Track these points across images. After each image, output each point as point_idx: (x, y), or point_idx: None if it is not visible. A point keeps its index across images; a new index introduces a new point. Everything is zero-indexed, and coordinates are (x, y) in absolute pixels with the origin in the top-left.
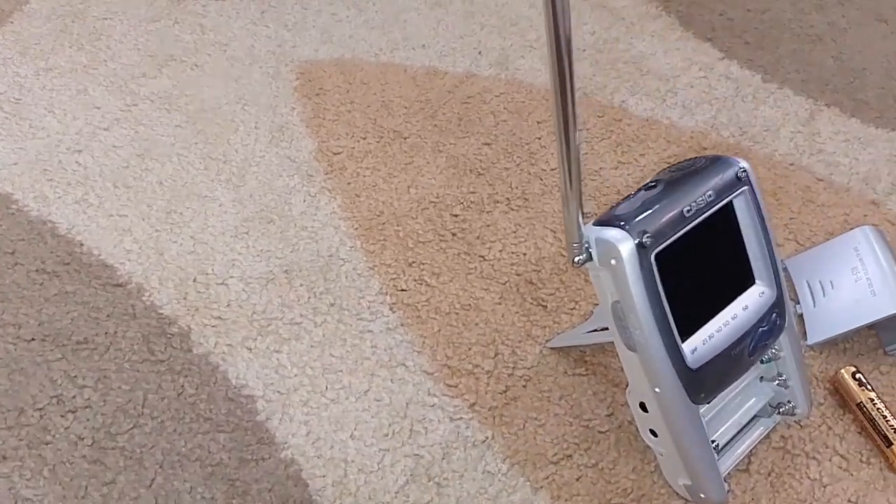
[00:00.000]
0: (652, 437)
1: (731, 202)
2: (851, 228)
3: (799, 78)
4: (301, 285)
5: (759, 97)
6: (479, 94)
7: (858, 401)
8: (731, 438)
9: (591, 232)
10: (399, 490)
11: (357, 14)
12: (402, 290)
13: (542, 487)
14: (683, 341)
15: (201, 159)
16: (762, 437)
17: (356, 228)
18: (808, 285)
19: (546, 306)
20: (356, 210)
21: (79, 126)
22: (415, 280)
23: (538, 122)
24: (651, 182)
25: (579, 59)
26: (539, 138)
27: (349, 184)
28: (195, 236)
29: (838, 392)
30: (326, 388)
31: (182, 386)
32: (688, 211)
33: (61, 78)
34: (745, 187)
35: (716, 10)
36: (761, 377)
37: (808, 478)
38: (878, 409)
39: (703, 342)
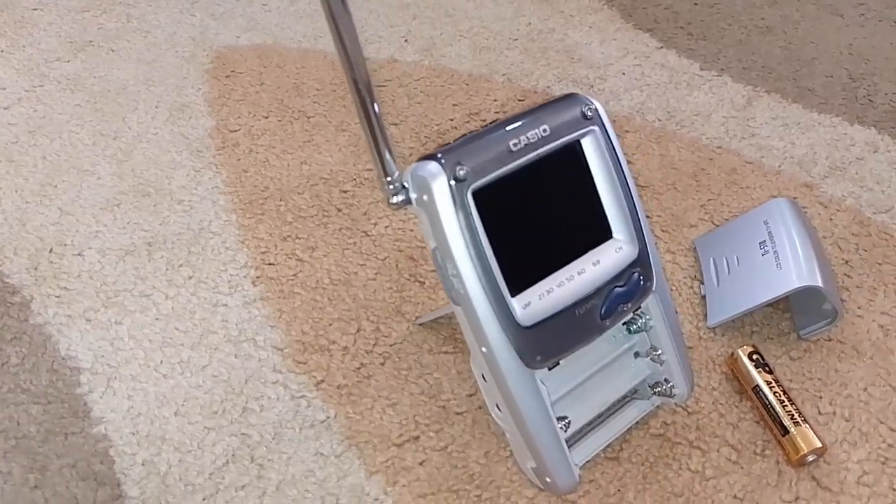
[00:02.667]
0: (498, 411)
1: (577, 143)
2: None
3: (741, 66)
4: (161, 258)
5: (693, 84)
6: (397, 79)
7: (754, 384)
8: (594, 419)
9: (409, 169)
10: (215, 471)
11: (288, 4)
12: (270, 264)
13: (378, 471)
14: (515, 295)
15: (91, 136)
16: (636, 420)
17: (235, 203)
18: (714, 263)
19: (423, 283)
20: (240, 185)
21: None
22: (286, 254)
23: (454, 105)
24: (493, 121)
25: (510, 47)
26: (451, 119)
27: (239, 160)
28: (63, 208)
29: (735, 377)
30: (161, 362)
31: (8, 356)
32: (515, 145)
33: None
34: (594, 127)
35: (661, 4)
36: (636, 352)
37: (689, 469)
38: (775, 393)
39: (539, 297)
